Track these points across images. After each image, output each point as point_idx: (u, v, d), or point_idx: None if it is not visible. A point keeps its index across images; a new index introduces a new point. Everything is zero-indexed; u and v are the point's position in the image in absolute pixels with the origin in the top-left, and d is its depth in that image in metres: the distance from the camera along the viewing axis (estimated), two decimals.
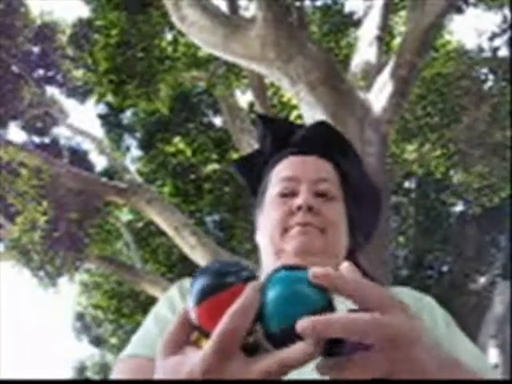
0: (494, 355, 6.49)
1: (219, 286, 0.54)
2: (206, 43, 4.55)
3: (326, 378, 0.70)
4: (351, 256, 0.96)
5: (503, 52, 7.32)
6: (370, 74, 5.03)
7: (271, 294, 0.53)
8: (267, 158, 1.03)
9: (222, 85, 6.96)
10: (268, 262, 0.93)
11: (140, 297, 9.58)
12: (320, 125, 1.02)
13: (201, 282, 0.55)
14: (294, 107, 8.82)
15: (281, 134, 1.02)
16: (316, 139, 0.99)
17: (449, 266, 11.60)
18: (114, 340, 13.34)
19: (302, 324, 0.49)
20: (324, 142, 0.99)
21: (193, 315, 0.55)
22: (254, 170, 1.05)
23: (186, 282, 0.94)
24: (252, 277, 0.56)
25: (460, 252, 10.74)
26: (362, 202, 1.01)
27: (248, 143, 6.94)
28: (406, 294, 0.91)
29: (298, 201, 0.91)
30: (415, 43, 4.47)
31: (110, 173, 9.35)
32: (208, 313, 0.54)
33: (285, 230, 0.90)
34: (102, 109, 9.61)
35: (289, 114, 9.27)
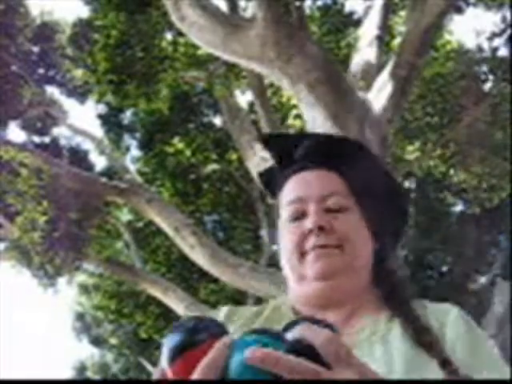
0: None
1: (190, 344, 0.56)
2: (206, 43, 4.55)
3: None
4: (380, 262, 0.95)
5: (503, 52, 7.32)
6: (370, 73, 5.03)
7: (236, 356, 0.54)
8: (278, 176, 1.01)
9: (222, 85, 6.96)
10: (293, 288, 0.94)
11: (140, 297, 9.58)
12: (317, 136, 1.02)
13: (172, 340, 0.57)
14: (294, 107, 8.82)
15: (282, 152, 0.99)
16: (315, 152, 0.96)
17: (449, 266, 11.60)
18: (113, 340, 13.34)
19: (255, 352, 0.51)
20: (323, 152, 0.96)
21: (168, 373, 0.57)
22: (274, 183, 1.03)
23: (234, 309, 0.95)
24: (223, 332, 0.58)
25: (460, 252, 10.74)
26: (383, 201, 0.97)
27: (248, 143, 6.94)
28: (430, 308, 0.89)
29: (308, 224, 0.89)
30: (415, 43, 4.47)
31: (109, 173, 9.35)
32: (180, 370, 0.55)
33: (302, 255, 0.90)
34: (101, 109, 9.60)
35: (288, 114, 9.27)
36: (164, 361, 0.57)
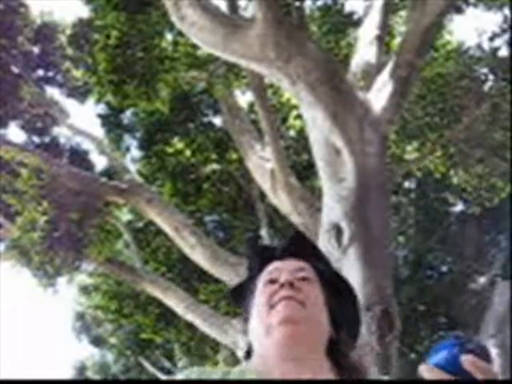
0: (493, 355, 6.48)
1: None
2: (206, 43, 4.55)
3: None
4: (333, 345, 1.07)
5: (503, 52, 7.32)
6: (370, 73, 5.03)
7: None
8: (256, 276, 1.17)
9: (222, 85, 6.95)
10: (261, 344, 1.04)
11: (140, 297, 9.57)
12: (295, 235, 1.23)
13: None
14: (294, 107, 8.82)
15: (267, 252, 1.20)
16: (292, 247, 1.18)
17: (449, 266, 11.60)
18: (114, 340, 13.34)
19: (473, 360, 0.78)
20: (298, 248, 1.18)
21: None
22: (247, 293, 1.19)
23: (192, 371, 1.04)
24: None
25: (460, 252, 10.74)
26: (339, 295, 1.15)
27: (248, 143, 6.93)
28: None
29: (281, 279, 1.07)
30: (415, 43, 4.47)
31: (110, 173, 9.34)
32: None
33: (271, 307, 1.03)
34: (102, 109, 9.59)
35: (288, 114, 9.27)
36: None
